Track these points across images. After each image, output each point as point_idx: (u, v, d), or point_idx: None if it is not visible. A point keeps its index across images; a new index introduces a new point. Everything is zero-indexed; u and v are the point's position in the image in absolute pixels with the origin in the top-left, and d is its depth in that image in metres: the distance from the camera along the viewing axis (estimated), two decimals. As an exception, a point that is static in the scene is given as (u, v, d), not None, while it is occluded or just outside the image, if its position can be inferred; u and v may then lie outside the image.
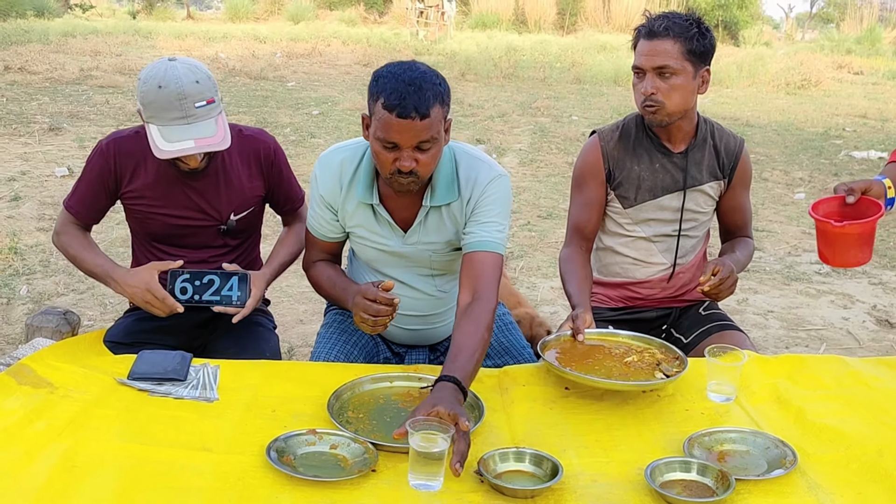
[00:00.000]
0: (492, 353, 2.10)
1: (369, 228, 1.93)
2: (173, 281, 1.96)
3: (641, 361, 1.81)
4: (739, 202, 2.31)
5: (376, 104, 1.70)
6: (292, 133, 7.70)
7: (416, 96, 1.65)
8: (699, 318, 2.31)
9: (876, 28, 19.66)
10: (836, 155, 7.72)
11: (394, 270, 1.99)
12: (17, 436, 1.50)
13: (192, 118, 1.93)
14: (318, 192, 1.93)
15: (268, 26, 18.90)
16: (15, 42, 13.01)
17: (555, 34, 19.65)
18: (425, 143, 1.70)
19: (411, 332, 2.09)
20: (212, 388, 1.75)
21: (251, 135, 2.18)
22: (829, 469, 1.50)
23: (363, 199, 1.88)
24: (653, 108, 2.10)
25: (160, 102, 1.91)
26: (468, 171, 1.87)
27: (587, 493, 1.41)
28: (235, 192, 2.14)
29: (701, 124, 2.24)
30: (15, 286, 3.83)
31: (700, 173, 2.23)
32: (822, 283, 4.37)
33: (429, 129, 1.69)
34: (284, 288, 3.95)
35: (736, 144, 2.26)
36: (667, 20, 2.07)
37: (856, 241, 1.78)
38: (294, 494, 1.37)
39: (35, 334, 2.01)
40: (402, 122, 1.66)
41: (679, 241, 2.28)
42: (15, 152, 6.47)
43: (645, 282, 2.31)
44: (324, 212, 1.95)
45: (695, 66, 2.09)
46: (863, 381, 1.84)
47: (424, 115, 1.66)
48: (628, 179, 2.22)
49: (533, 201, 5.69)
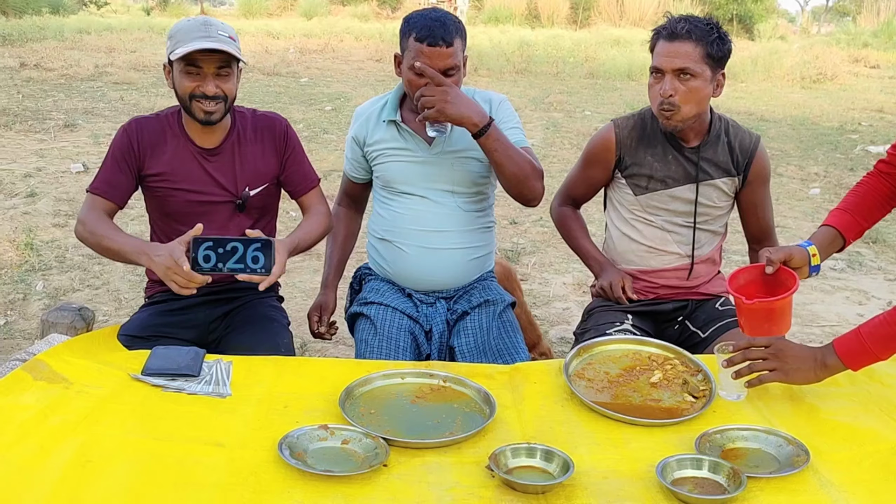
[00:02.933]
0: (489, 354, 2.15)
1: (396, 144, 2.21)
2: (196, 248, 1.91)
3: (667, 380, 1.80)
4: (758, 198, 2.32)
5: (408, 39, 2.05)
6: (305, 129, 7.72)
7: (441, 29, 2.01)
8: (716, 312, 2.31)
9: (893, 21, 19.43)
10: (851, 150, 7.65)
11: (416, 187, 2.21)
12: (32, 431, 1.52)
13: (214, 39, 2.01)
14: (350, 136, 2.30)
15: (281, 22, 18.95)
16: (31, 39, 13.12)
17: (568, 29, 19.58)
18: (450, 70, 2.03)
19: (434, 252, 2.20)
20: (225, 383, 1.76)
21: (264, 114, 2.28)
22: (841, 467, 1.49)
23: (388, 117, 2.20)
24: (668, 112, 2.12)
25: (186, 28, 2.04)
26: (483, 95, 2.23)
27: (598, 489, 1.41)
28: (250, 167, 2.21)
29: (715, 121, 2.26)
30: (31, 282, 3.87)
31: (713, 168, 2.25)
32: (836, 280, 4.34)
33: (453, 56, 2.03)
34: (297, 283, 3.97)
35: (751, 141, 2.27)
36: (688, 23, 2.10)
37: (766, 316, 1.73)
38: (306, 489, 1.38)
39: (50, 330, 2.03)
40: (432, 49, 2.00)
41: (695, 234, 2.29)
42: (31, 149, 6.53)
43: (661, 271, 2.32)
44: (354, 152, 2.30)
45: (713, 69, 2.12)
46: (877, 379, 1.83)
47: (449, 43, 2.01)
48: (641, 168, 2.26)
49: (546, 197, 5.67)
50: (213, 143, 2.16)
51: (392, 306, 2.18)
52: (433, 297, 2.24)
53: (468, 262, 2.25)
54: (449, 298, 2.26)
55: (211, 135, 2.16)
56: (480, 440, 1.56)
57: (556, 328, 3.62)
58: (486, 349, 2.15)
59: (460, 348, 2.15)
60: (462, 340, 2.16)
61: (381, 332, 2.13)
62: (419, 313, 2.21)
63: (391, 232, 2.23)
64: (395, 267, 2.24)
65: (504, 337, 2.19)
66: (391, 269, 2.26)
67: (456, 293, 2.26)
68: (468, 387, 1.75)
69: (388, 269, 2.27)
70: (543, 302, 3.93)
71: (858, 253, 4.76)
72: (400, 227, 2.21)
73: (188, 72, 2.03)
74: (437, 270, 2.22)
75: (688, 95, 2.09)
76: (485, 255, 2.30)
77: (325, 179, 5.75)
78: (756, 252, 2.39)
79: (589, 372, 1.85)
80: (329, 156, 6.59)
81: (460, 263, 2.24)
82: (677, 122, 2.14)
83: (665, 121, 2.15)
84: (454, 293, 2.26)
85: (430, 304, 2.23)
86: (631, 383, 1.80)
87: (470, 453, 1.51)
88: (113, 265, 4.14)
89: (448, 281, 2.24)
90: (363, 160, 2.29)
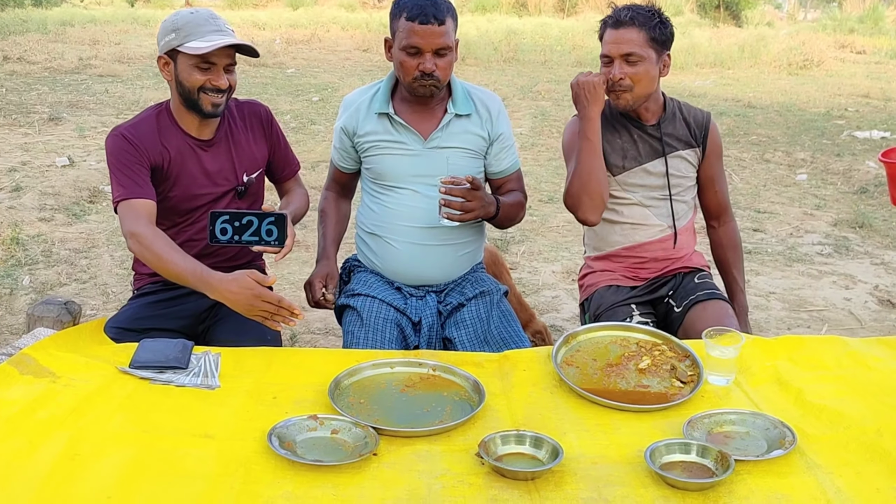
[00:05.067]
0: (491, 343, 2.16)
1: (388, 137, 2.18)
2: (213, 221, 1.95)
3: (655, 366, 1.82)
4: (715, 172, 2.45)
5: (399, 20, 2.05)
6: (292, 120, 7.68)
7: (433, 7, 2.02)
8: (691, 285, 2.39)
9: (879, 7, 19.49)
10: (838, 135, 7.68)
11: (408, 181, 2.18)
12: (20, 425, 1.52)
13: (225, 33, 2.05)
14: (339, 126, 2.26)
15: (267, 13, 18.81)
16: (13, 32, 12.98)
17: (555, 17, 19.54)
18: (443, 50, 2.05)
19: (425, 248, 2.19)
20: (213, 375, 1.76)
21: (246, 101, 2.30)
22: (828, 449, 1.51)
23: (380, 109, 2.16)
24: (619, 92, 2.26)
25: (195, 20, 2.03)
26: (480, 94, 2.24)
27: (587, 475, 1.42)
28: (245, 155, 2.23)
29: (668, 102, 2.40)
30: (17, 276, 3.84)
31: (675, 142, 2.38)
32: (823, 264, 4.36)
33: (445, 35, 2.03)
34: (286, 275, 3.96)
35: (703, 116, 2.42)
36: (631, 11, 2.25)
37: None
38: (296, 479, 1.38)
39: (36, 324, 2.02)
40: (423, 27, 2.01)
41: (672, 205, 2.39)
42: (15, 142, 6.47)
43: (646, 244, 2.40)
44: (342, 142, 2.26)
45: (657, 52, 2.26)
46: (862, 362, 1.85)
47: (441, 21, 2.02)
48: (614, 149, 2.37)
49: (534, 185, 5.68)
50: (208, 135, 2.17)
51: (379, 298, 2.18)
52: (423, 290, 2.24)
53: (459, 257, 2.25)
54: (440, 292, 2.26)
55: (207, 126, 2.16)
56: (470, 428, 1.57)
57: (546, 316, 3.63)
58: (487, 338, 2.17)
59: (460, 339, 2.15)
60: (462, 332, 2.16)
61: (367, 324, 2.13)
62: (407, 305, 2.21)
63: (381, 227, 2.22)
64: (384, 262, 2.24)
65: (505, 325, 2.21)
66: (380, 264, 2.25)
67: (446, 286, 2.27)
68: (457, 375, 1.76)
69: (377, 263, 2.26)
70: (533, 290, 3.93)
71: (845, 238, 4.79)
72: (390, 222, 2.20)
73: (201, 66, 2.03)
74: (428, 266, 2.21)
75: (636, 77, 2.24)
76: (475, 249, 2.30)
77: (312, 170, 5.76)
78: (714, 229, 2.54)
79: (578, 359, 1.85)
80: (317, 147, 6.56)
81: (451, 259, 2.23)
82: (627, 102, 2.27)
83: (616, 100, 2.29)
84: (444, 286, 2.27)
85: (420, 298, 2.23)
86: (619, 370, 1.81)
87: (460, 441, 1.52)
88: (99, 259, 4.13)
89: (438, 276, 2.24)
90: (352, 150, 2.27)
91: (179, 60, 2.05)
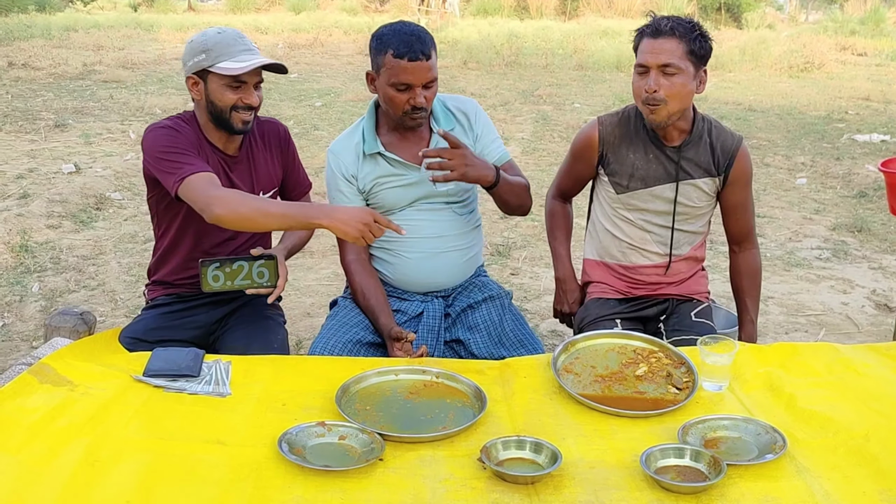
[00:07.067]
0: (507, 345, 2.23)
1: (385, 173, 2.20)
2: (205, 270, 2.01)
3: (652, 372, 1.86)
4: (739, 200, 2.35)
5: (384, 56, 2.05)
6: (296, 125, 7.74)
7: (419, 43, 2.03)
8: (687, 322, 2.33)
9: (880, 9, 19.51)
10: (838, 139, 7.72)
11: (414, 211, 2.23)
12: (40, 433, 1.57)
13: (254, 52, 2.11)
14: (338, 174, 2.23)
15: (269, 17, 18.88)
16: (18, 38, 13.06)
17: (557, 20, 19.58)
18: (431, 83, 2.08)
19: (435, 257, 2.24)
20: (224, 383, 1.82)
21: (266, 120, 2.34)
22: (817, 454, 1.55)
23: (371, 150, 2.19)
24: (653, 106, 2.16)
25: (225, 40, 2.07)
26: (455, 102, 2.28)
27: (585, 479, 1.47)
28: (263, 172, 2.28)
29: (698, 121, 2.28)
30: (27, 283, 3.90)
31: (693, 168, 2.29)
32: (822, 269, 4.41)
33: (432, 68, 2.06)
34: (292, 281, 4.02)
35: (733, 143, 2.30)
36: (671, 21, 2.16)
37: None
38: (306, 484, 1.44)
39: (53, 334, 2.07)
40: (413, 64, 2.02)
41: (673, 235, 2.35)
42: (22, 150, 6.54)
43: (640, 267, 2.39)
44: (347, 187, 2.23)
45: (695, 66, 2.16)
46: (853, 368, 1.89)
47: (428, 56, 2.04)
48: (622, 166, 2.31)
49: (535, 190, 5.65)
50: (234, 151, 2.22)
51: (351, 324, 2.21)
52: (430, 297, 2.30)
53: (464, 261, 2.31)
54: (447, 296, 2.32)
55: (232, 143, 2.21)
56: (472, 434, 1.62)
57: (547, 321, 3.68)
58: (502, 340, 2.23)
59: (475, 341, 2.20)
60: (475, 335, 2.22)
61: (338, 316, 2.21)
62: (407, 304, 2.26)
63: (392, 243, 2.25)
64: (397, 273, 2.28)
65: (519, 327, 2.29)
66: (393, 276, 2.29)
67: (453, 291, 2.33)
68: (460, 382, 1.81)
69: (389, 275, 2.29)
70: (534, 296, 3.99)
71: (844, 242, 4.84)
72: (401, 239, 2.20)
73: (232, 85, 2.07)
74: (439, 273, 2.27)
75: (672, 91, 2.13)
76: (476, 253, 2.38)
77: (316, 177, 5.80)
78: (735, 253, 2.45)
79: (577, 366, 1.91)
80: (320, 153, 6.62)
81: (458, 264, 2.30)
82: (663, 118, 2.17)
83: (650, 115, 2.18)
84: (451, 290, 2.33)
85: (427, 301, 2.28)
86: (617, 376, 1.87)
87: (462, 446, 1.57)
88: (107, 265, 4.18)
89: (447, 282, 2.30)
90: (360, 195, 2.24)
91: (210, 80, 2.08)
